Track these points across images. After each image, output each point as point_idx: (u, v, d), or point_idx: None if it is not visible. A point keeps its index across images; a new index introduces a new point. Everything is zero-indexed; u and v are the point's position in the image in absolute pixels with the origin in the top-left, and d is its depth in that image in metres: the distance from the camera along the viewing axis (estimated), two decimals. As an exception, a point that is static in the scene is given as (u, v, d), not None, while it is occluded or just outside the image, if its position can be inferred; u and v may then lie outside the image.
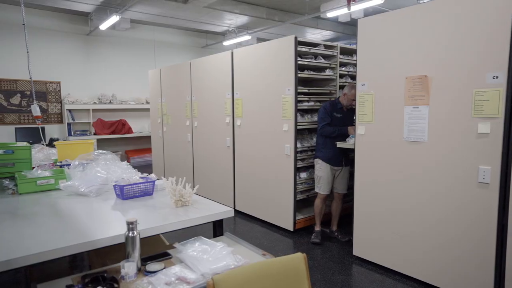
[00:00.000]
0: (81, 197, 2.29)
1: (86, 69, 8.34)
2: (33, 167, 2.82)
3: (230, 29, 9.14)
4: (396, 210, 2.92)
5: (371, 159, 3.09)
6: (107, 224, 1.77)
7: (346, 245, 3.65)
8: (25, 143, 2.87)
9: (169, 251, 1.73)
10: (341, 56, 4.34)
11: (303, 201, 4.50)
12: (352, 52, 4.54)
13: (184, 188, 2.07)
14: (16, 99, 7.58)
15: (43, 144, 3.87)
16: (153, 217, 1.89)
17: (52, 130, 8.00)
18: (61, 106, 8.09)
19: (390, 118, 2.91)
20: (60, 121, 8.13)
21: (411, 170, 2.79)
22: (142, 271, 1.54)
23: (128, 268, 1.47)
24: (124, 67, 8.86)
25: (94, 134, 8.21)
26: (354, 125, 3.35)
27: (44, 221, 1.81)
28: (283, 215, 4.08)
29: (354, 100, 3.53)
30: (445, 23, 2.52)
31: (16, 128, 7.44)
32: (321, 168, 3.73)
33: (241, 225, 4.39)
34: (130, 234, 1.52)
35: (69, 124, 8.00)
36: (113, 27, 7.95)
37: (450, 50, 2.50)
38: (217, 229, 2.03)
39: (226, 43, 9.48)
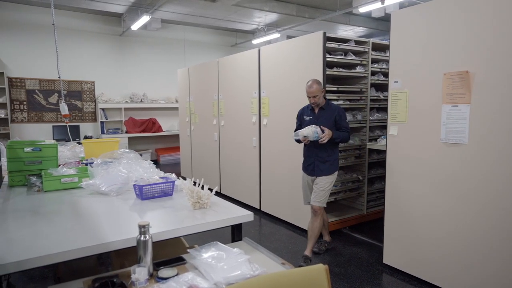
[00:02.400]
0: (102, 196, 2.28)
1: (119, 69, 8.56)
2: (60, 165, 2.87)
3: (260, 27, 9.06)
4: (432, 217, 2.70)
5: (404, 162, 2.88)
6: (122, 225, 1.73)
7: (376, 252, 3.45)
8: (53, 141, 2.92)
9: (184, 256, 1.65)
10: (373, 53, 4.12)
11: (331, 204, 4.32)
12: (385, 48, 4.30)
13: (201, 190, 1.99)
14: (53, 98, 7.91)
15: (78, 143, 3.97)
16: (169, 220, 1.83)
17: (86, 128, 8.28)
18: (95, 105, 8.35)
19: (426, 118, 2.69)
20: (94, 120, 8.40)
21: (449, 174, 2.57)
22: (154, 276, 1.47)
23: (139, 273, 1.41)
24: (155, 67, 9.01)
25: (126, 132, 8.41)
26: (320, 126, 3.02)
27: (61, 221, 1.80)
28: (309, 218, 3.92)
29: (311, 97, 3.14)
30: (488, 12, 2.28)
31: (53, 126, 7.76)
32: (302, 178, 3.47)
33: (266, 226, 4.28)
34: (142, 238, 1.46)
35: (102, 123, 8.25)
36: (144, 27, 8.10)
37: (495, 42, 2.26)
38: (235, 233, 1.94)
39: (255, 41, 9.40)
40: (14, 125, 7.48)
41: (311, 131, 3.01)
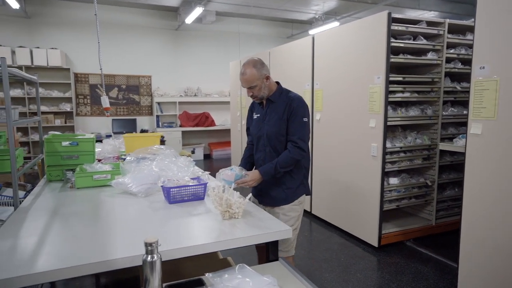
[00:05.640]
0: (129, 197, 2.09)
1: (174, 63, 8.63)
2: (97, 160, 2.77)
3: (317, 16, 8.53)
4: (528, 240, 2.11)
5: (490, 167, 2.30)
6: (137, 236, 1.48)
7: (448, 273, 2.89)
8: (92, 135, 2.83)
9: (204, 278, 1.36)
10: (449, 36, 3.48)
11: (392, 212, 3.79)
12: (465, 30, 3.63)
13: (233, 195, 1.69)
14: (113, 93, 8.21)
15: (124, 136, 3.92)
16: (191, 233, 1.55)
17: (143, 121, 8.49)
18: (151, 99, 8.52)
19: (524, 113, 2.09)
20: (150, 113, 8.58)
21: (555, 187, 1.96)
22: (163, 305, 1.20)
23: (143, 302, 1.15)
24: (210, 61, 8.94)
25: (180, 126, 8.47)
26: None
27: (75, 225, 1.62)
28: (366, 227, 3.45)
29: (246, 89, 2.07)
30: None
31: (112, 120, 8.06)
32: None
33: (316, 232, 3.89)
34: (149, 259, 1.19)
35: (157, 116, 8.39)
36: (199, 20, 8.03)
37: None
38: (271, 250, 1.60)
39: (312, 31, 8.88)
40: (78, 118, 7.90)
41: (220, 179, 2.00)
